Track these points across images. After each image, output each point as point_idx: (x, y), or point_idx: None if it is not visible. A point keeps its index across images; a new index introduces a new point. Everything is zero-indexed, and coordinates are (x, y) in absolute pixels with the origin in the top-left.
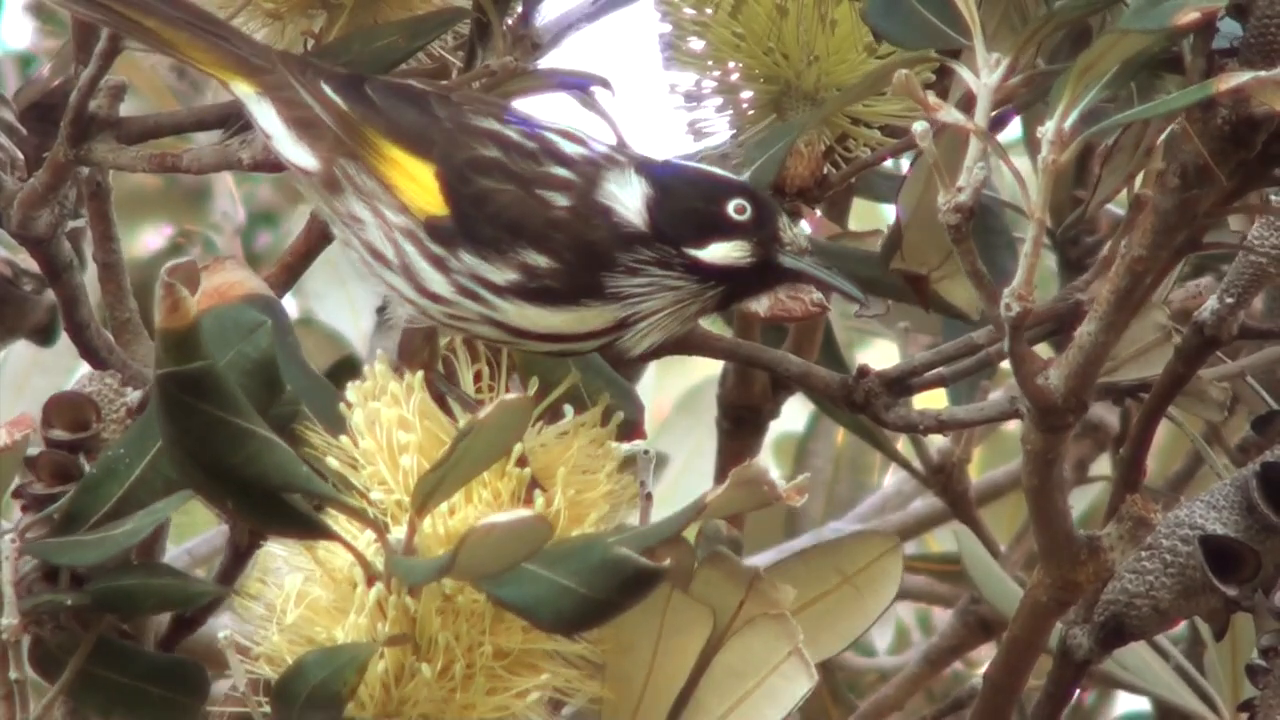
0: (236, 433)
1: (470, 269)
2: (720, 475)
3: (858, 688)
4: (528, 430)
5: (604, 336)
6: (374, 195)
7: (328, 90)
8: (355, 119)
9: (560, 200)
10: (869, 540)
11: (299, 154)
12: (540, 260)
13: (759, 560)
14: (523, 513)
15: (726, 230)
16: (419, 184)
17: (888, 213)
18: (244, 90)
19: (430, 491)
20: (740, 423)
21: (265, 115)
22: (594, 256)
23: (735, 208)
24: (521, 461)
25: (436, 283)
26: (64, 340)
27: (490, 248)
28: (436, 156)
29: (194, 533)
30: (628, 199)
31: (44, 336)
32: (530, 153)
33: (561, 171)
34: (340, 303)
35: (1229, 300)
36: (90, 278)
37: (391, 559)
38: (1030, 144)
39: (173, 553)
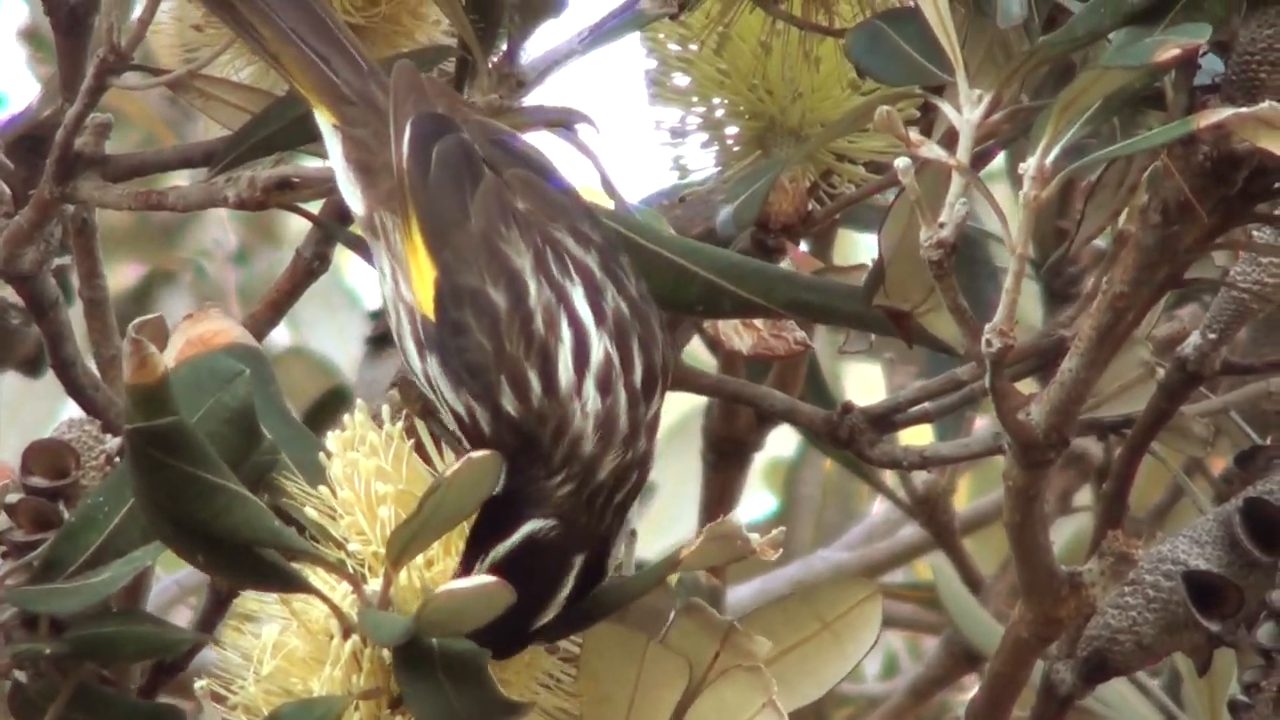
0: (206, 487)
1: (434, 376)
2: (705, 509)
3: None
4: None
5: None
6: (400, 260)
7: (406, 138)
8: (407, 185)
9: (509, 407)
10: (848, 587)
11: (351, 195)
12: (483, 423)
13: (745, 589)
14: (484, 579)
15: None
16: (423, 278)
17: (872, 244)
18: (322, 119)
19: (404, 546)
20: (725, 456)
21: (333, 149)
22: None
23: None
24: None
25: (415, 364)
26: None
27: (449, 373)
28: (440, 264)
29: (183, 563)
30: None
31: (32, 368)
32: (528, 329)
33: (534, 380)
34: (331, 331)
35: (1211, 336)
36: (76, 314)
37: (362, 615)
38: (1013, 177)
39: (163, 583)
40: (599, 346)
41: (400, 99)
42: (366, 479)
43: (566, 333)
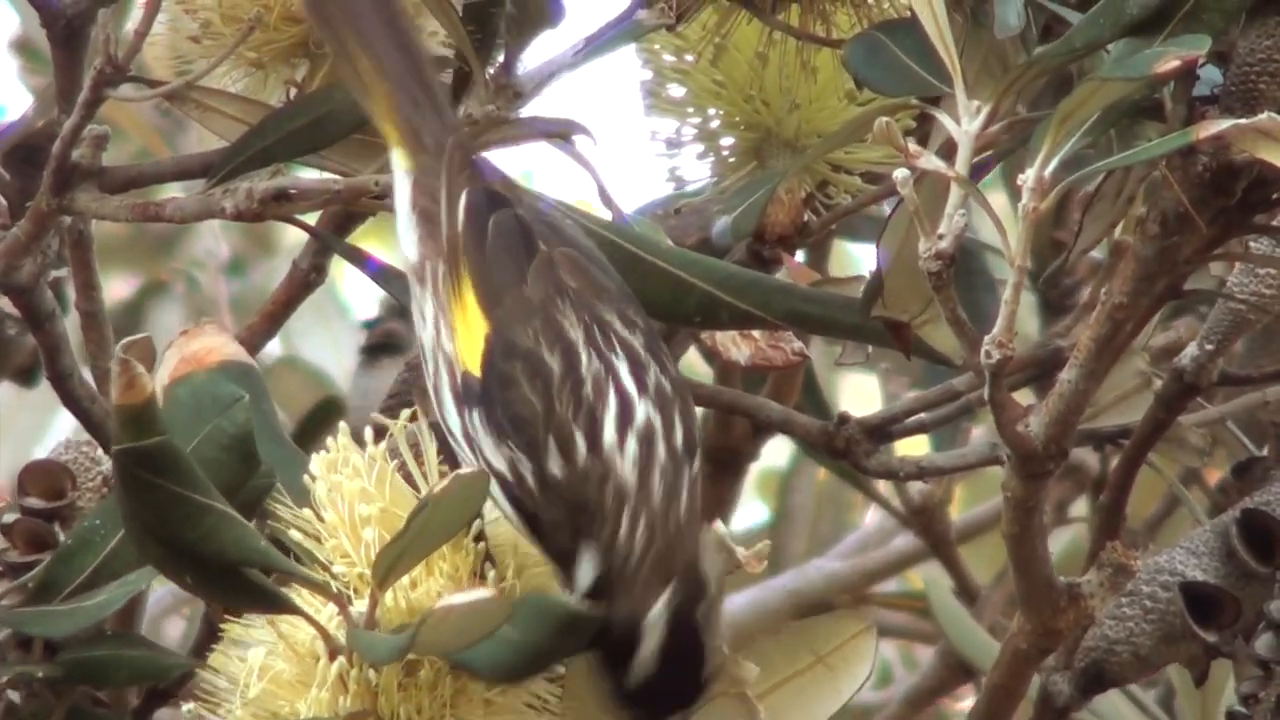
0: (194, 508)
1: (473, 431)
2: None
3: None
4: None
5: None
6: (444, 311)
7: (461, 204)
8: (459, 248)
9: (555, 469)
10: (842, 620)
11: (407, 239)
12: (525, 472)
13: (740, 599)
14: (481, 593)
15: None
16: (471, 334)
17: (868, 255)
18: (397, 161)
19: (390, 566)
20: (720, 465)
21: (401, 191)
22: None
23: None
24: (480, 536)
25: (452, 418)
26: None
27: (492, 428)
28: (494, 320)
29: None
30: (580, 586)
31: (26, 378)
32: (578, 394)
33: (580, 440)
34: (324, 342)
35: (1209, 347)
36: (72, 325)
37: (352, 635)
38: (1011, 188)
39: (157, 593)
40: (642, 411)
41: (455, 166)
42: (350, 501)
43: (613, 399)
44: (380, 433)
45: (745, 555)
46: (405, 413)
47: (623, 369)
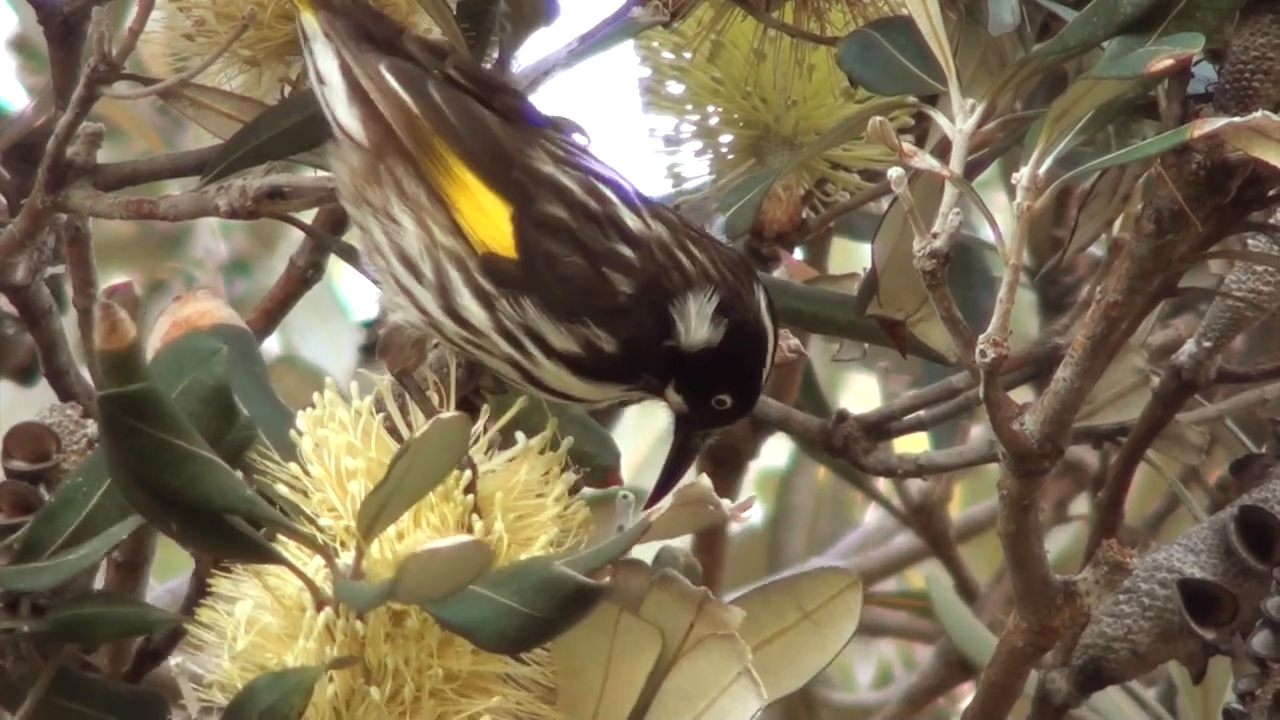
0: (178, 454)
1: (528, 321)
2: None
3: None
4: (480, 456)
5: (603, 403)
6: (422, 207)
7: (389, 78)
8: (426, 127)
9: (625, 286)
10: (828, 576)
11: (350, 120)
12: (605, 344)
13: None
14: (463, 538)
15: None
16: (488, 217)
17: (869, 252)
18: (308, 20)
19: (375, 515)
20: (720, 463)
21: (325, 58)
22: (645, 354)
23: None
24: (469, 487)
25: (474, 314)
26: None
27: (558, 312)
28: (516, 199)
29: (176, 571)
30: (697, 329)
31: (25, 377)
32: (594, 217)
33: (627, 252)
34: (322, 339)
35: (1206, 344)
36: (70, 322)
37: (338, 584)
38: (1008, 185)
39: (156, 591)
40: (629, 186)
41: (352, 32)
42: (336, 454)
43: (608, 192)
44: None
45: (731, 507)
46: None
47: (591, 162)
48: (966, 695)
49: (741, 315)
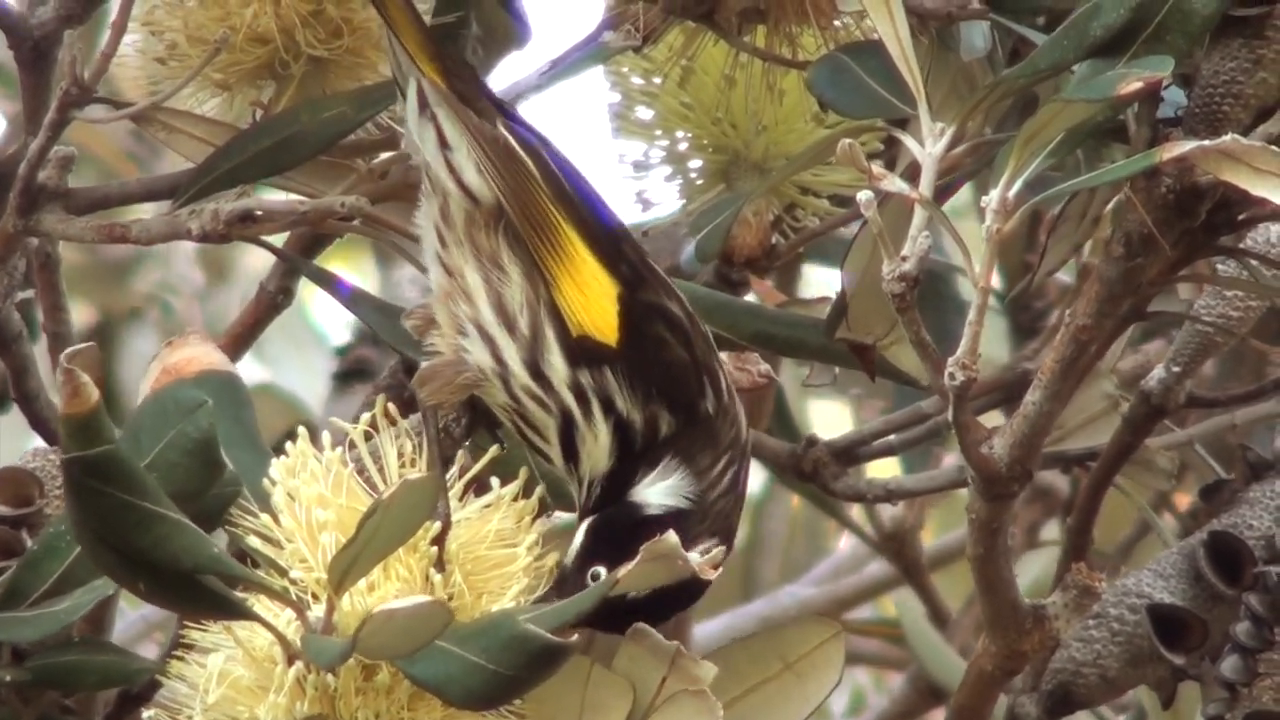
0: (144, 516)
1: (605, 383)
2: None
3: None
4: (454, 504)
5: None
6: (535, 260)
7: (513, 141)
8: (549, 195)
9: (709, 404)
10: (811, 627)
11: (477, 180)
12: (665, 426)
13: (713, 625)
14: (420, 599)
15: None
16: (591, 295)
17: (838, 277)
18: (432, 85)
19: (345, 570)
20: None
21: (450, 125)
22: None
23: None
24: (436, 539)
25: (555, 368)
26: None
27: (641, 384)
28: (626, 280)
29: None
30: (654, 494)
31: None
32: (700, 332)
33: (722, 378)
34: (298, 367)
35: (1176, 369)
36: (40, 349)
37: (305, 639)
38: (980, 211)
39: (129, 618)
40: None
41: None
42: (307, 506)
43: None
44: (338, 441)
45: (699, 562)
46: (365, 416)
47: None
48: None
49: (685, 552)
